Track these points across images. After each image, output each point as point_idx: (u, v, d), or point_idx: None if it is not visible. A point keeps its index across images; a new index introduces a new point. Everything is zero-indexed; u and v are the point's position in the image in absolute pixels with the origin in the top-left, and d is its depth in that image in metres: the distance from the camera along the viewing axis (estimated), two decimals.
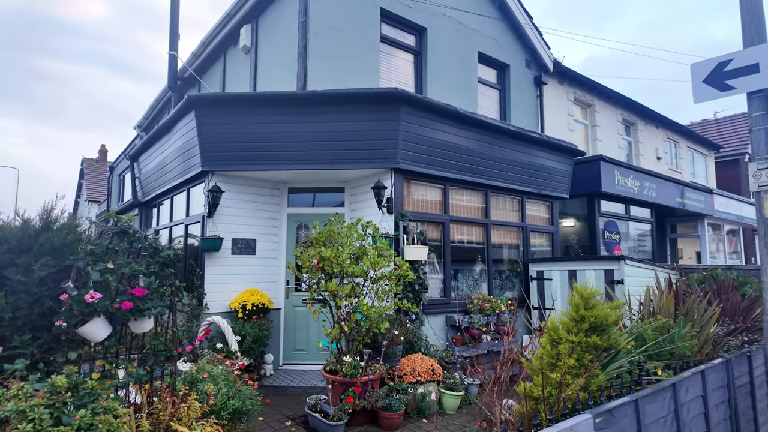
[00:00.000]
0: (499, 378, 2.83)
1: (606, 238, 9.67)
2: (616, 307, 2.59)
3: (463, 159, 6.85)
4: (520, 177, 7.76)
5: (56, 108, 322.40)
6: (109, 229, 3.05)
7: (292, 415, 4.99)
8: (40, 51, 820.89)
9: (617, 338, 2.58)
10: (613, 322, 2.50)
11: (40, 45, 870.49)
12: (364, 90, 5.87)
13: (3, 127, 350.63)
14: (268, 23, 7.93)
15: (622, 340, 2.63)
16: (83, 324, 2.90)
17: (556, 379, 2.48)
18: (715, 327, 3.55)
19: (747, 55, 3.84)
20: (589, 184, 9.32)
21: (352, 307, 4.89)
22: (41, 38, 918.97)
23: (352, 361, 4.68)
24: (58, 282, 2.99)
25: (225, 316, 6.08)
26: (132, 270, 3.07)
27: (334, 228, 5.10)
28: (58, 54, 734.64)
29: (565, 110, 11.10)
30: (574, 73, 11.06)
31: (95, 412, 2.72)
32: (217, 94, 6.43)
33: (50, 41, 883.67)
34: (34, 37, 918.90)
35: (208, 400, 3.38)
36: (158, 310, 3.05)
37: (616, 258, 6.49)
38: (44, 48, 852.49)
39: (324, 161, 6.12)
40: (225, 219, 6.42)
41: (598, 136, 11.88)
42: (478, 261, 7.32)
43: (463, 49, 8.82)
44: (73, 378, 2.80)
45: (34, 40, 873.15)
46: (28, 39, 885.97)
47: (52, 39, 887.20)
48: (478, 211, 7.32)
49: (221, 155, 6.24)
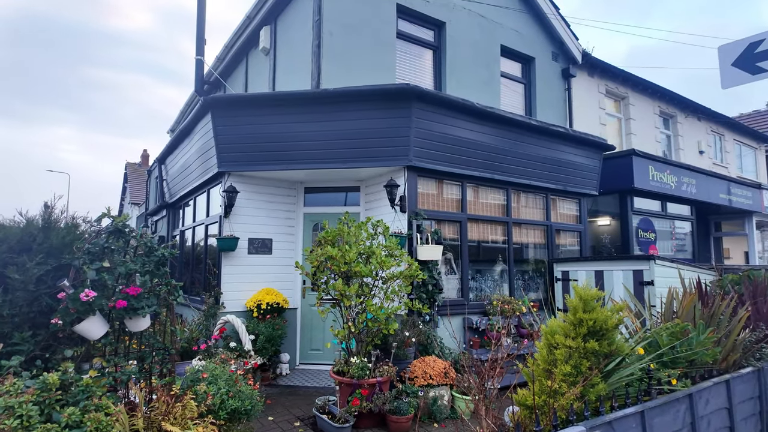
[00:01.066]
0: (483, 387, 2.67)
1: (640, 237, 9.17)
2: (617, 311, 2.38)
3: (481, 155, 6.64)
4: (544, 173, 7.46)
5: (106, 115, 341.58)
6: (105, 229, 3.08)
7: (302, 416, 4.96)
8: (91, 61, 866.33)
9: (620, 344, 2.37)
10: (613, 326, 2.29)
11: (90, 55, 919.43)
12: (375, 87, 5.77)
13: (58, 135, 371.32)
14: (285, 24, 7.97)
15: (625, 346, 2.41)
16: (79, 322, 2.95)
17: (550, 386, 2.30)
18: (745, 333, 3.23)
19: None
20: (621, 180, 8.86)
21: (360, 308, 4.80)
22: (91, 49, 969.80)
23: (360, 363, 4.59)
24: (56, 280, 3.06)
25: (241, 315, 6.14)
26: (127, 269, 3.10)
27: (343, 227, 5.03)
28: (107, 63, 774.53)
29: (596, 103, 10.61)
30: (605, 65, 10.56)
31: (86, 410, 2.75)
32: (232, 96, 6.49)
33: (100, 51, 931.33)
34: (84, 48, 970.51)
35: (206, 399, 3.37)
36: (152, 309, 3.06)
37: (646, 257, 6.11)
38: (94, 58, 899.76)
39: (337, 160, 6.07)
40: (241, 219, 6.48)
41: (633, 130, 11.30)
42: (498, 261, 7.08)
43: (484, 43, 8.58)
44: (67, 375, 2.85)
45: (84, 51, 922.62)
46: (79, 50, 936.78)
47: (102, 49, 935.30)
48: (499, 209, 7.08)
49: (237, 156, 6.30)
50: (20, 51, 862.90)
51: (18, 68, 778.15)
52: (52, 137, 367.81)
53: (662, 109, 12.34)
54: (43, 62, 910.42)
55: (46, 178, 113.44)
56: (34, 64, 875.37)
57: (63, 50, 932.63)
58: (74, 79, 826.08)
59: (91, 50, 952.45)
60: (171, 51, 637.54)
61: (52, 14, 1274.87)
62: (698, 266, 6.84)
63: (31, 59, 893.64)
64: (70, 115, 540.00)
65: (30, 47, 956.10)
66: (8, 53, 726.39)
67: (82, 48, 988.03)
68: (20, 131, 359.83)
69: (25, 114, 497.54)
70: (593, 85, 10.62)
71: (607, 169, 8.84)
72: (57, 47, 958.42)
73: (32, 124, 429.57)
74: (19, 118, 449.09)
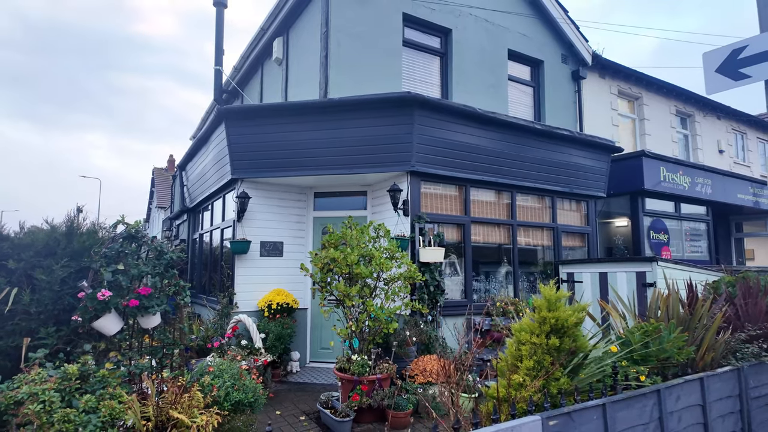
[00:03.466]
0: (448, 377, 2.86)
1: (652, 239, 9.12)
2: (580, 310, 2.53)
3: (485, 160, 6.79)
4: (550, 176, 7.55)
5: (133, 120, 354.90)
6: (119, 235, 3.40)
7: (308, 410, 5.21)
8: (117, 67, 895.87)
9: (583, 341, 2.52)
10: (572, 324, 2.45)
11: (116, 61, 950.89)
12: (378, 95, 6.00)
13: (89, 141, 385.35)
14: (297, 36, 8.29)
15: (588, 343, 2.56)
16: (96, 319, 3.27)
17: (517, 380, 2.48)
18: (725, 333, 3.31)
19: (763, 40, 3.55)
20: (632, 181, 8.86)
21: (362, 308, 5.03)
22: (117, 55, 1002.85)
23: (360, 360, 4.82)
24: (78, 281, 3.39)
25: (253, 315, 6.45)
26: (140, 271, 3.41)
27: (346, 231, 5.27)
28: (133, 69, 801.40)
29: (608, 104, 10.59)
30: (616, 65, 10.52)
31: (102, 398, 3.06)
32: (244, 106, 6.83)
33: (126, 57, 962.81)
34: (111, 54, 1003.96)
35: (212, 391, 3.65)
36: (162, 308, 3.36)
37: (649, 259, 6.15)
38: (121, 64, 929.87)
39: (343, 166, 6.32)
40: (254, 223, 6.80)
41: (647, 131, 11.20)
42: (504, 263, 7.21)
43: (491, 48, 8.71)
44: (86, 367, 3.17)
45: (111, 57, 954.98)
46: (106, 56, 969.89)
47: (128, 55, 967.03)
48: (503, 212, 7.20)
49: (249, 163, 6.62)
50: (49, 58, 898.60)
51: (47, 75, 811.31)
52: (82, 143, 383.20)
53: (679, 109, 12.18)
54: (70, 69, 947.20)
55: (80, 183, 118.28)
56: (62, 71, 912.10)
57: (90, 57, 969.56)
58: (101, 84, 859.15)
59: (117, 56, 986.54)
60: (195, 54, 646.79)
61: (78, 22, 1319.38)
62: (707, 268, 6.82)
63: (60, 66, 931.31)
64: (98, 121, 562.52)
65: (58, 55, 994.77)
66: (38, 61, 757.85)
67: (108, 54, 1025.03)
68: (53, 137, 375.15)
69: (57, 120, 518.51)
70: (605, 86, 10.60)
71: (617, 170, 8.84)
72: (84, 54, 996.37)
73: (63, 130, 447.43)
74: (51, 123, 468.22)
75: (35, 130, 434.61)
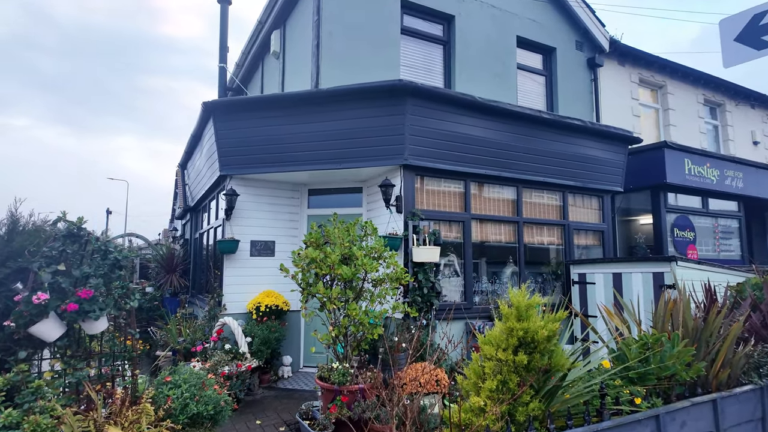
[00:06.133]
0: (390, 400, 2.47)
1: (676, 237, 8.44)
2: (556, 320, 2.10)
3: (487, 152, 6.33)
4: (560, 169, 7.02)
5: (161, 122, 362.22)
6: (60, 232, 3.13)
7: (290, 421, 4.88)
8: (145, 69, 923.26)
9: (559, 358, 2.08)
10: (544, 338, 2.01)
11: (144, 63, 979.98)
12: (368, 84, 5.63)
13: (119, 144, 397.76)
14: (293, 27, 7.99)
15: (566, 360, 2.12)
16: (33, 324, 3.00)
17: (477, 404, 2.06)
18: (746, 345, 2.80)
19: None
20: (653, 174, 8.20)
21: (343, 311, 4.67)
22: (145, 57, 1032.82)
23: (341, 369, 4.45)
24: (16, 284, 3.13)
25: (242, 317, 6.17)
26: (82, 272, 3.13)
27: (329, 228, 4.92)
28: (161, 70, 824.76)
29: (628, 93, 9.91)
30: (637, 52, 9.84)
31: (32, 411, 2.79)
32: (230, 99, 6.56)
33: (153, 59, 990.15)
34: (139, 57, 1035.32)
35: (165, 403, 3.35)
36: (102, 312, 3.07)
37: (667, 258, 5.57)
38: (148, 66, 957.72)
39: (333, 161, 5.97)
40: (244, 221, 6.52)
41: (672, 121, 10.46)
42: (509, 262, 6.72)
43: (498, 35, 8.21)
44: (18, 377, 2.90)
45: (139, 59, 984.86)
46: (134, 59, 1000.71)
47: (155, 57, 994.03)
48: (508, 208, 6.72)
49: (238, 159, 6.35)
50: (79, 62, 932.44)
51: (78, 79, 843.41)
52: (113, 145, 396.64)
53: (707, 98, 11.35)
54: (100, 72, 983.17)
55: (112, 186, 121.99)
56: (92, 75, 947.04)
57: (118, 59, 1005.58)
58: (130, 87, 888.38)
59: (145, 58, 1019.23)
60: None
61: (106, 25, 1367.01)
62: (734, 269, 6.18)
63: (89, 70, 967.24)
64: (128, 123, 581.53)
65: (87, 58, 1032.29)
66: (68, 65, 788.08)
67: (136, 56, 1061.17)
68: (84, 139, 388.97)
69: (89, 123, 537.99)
70: (624, 74, 9.93)
71: (637, 163, 8.22)
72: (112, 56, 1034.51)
73: (95, 133, 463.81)
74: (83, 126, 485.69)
75: (69, 133, 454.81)
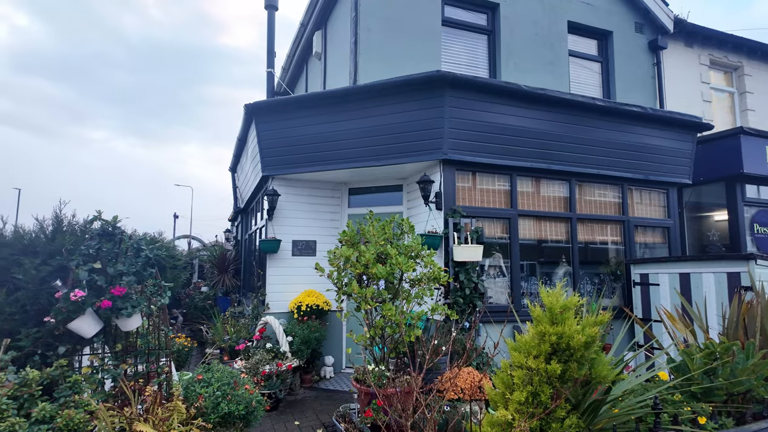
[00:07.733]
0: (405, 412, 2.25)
1: (757, 233, 7.55)
2: (597, 324, 1.81)
3: (534, 144, 5.95)
4: (618, 160, 6.48)
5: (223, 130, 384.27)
6: (96, 231, 3.21)
7: (327, 422, 4.80)
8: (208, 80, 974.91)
9: (602, 368, 1.79)
10: (581, 344, 1.73)
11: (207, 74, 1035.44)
12: (404, 77, 5.44)
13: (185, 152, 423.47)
14: (333, 26, 7.98)
15: (611, 370, 1.82)
16: (70, 320, 3.09)
17: (503, 418, 1.82)
18: None
19: None
20: (727, 164, 7.39)
21: (379, 312, 4.51)
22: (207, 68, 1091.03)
23: (377, 371, 4.30)
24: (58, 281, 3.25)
25: (284, 317, 6.19)
26: (116, 270, 3.19)
27: (364, 227, 4.79)
28: (222, 81, 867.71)
29: (697, 77, 9.03)
30: (707, 31, 8.94)
31: (68, 406, 2.85)
32: (270, 100, 6.60)
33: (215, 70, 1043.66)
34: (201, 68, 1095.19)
35: (197, 401, 3.35)
36: (134, 310, 3.11)
37: (744, 257, 4.94)
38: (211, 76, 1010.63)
39: (371, 158, 5.84)
40: (285, 221, 6.55)
41: (750, 105, 9.42)
42: (561, 262, 6.28)
43: (547, 21, 7.75)
44: (57, 371, 2.99)
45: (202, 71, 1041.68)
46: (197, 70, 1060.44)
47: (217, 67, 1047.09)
48: (560, 204, 6.28)
49: (279, 159, 6.38)
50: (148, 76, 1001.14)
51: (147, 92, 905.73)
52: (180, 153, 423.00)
53: None
54: (167, 84, 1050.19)
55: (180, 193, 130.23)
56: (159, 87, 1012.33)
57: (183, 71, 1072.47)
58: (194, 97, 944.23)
59: (207, 69, 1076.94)
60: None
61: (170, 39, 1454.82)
62: None
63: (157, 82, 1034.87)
64: (193, 132, 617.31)
65: (155, 72, 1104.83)
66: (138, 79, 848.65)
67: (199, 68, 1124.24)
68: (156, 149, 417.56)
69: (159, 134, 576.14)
70: (693, 56, 9.06)
71: (709, 152, 7.46)
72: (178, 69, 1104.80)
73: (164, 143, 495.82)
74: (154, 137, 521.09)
75: (141, 144, 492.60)
